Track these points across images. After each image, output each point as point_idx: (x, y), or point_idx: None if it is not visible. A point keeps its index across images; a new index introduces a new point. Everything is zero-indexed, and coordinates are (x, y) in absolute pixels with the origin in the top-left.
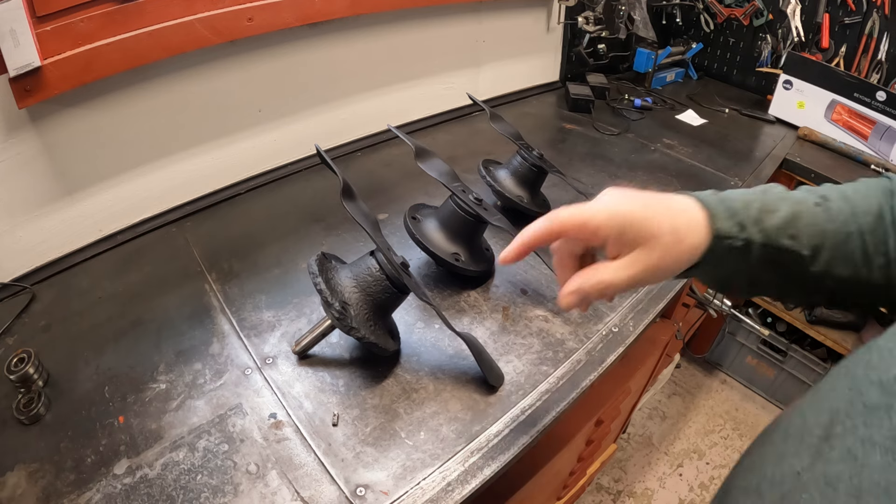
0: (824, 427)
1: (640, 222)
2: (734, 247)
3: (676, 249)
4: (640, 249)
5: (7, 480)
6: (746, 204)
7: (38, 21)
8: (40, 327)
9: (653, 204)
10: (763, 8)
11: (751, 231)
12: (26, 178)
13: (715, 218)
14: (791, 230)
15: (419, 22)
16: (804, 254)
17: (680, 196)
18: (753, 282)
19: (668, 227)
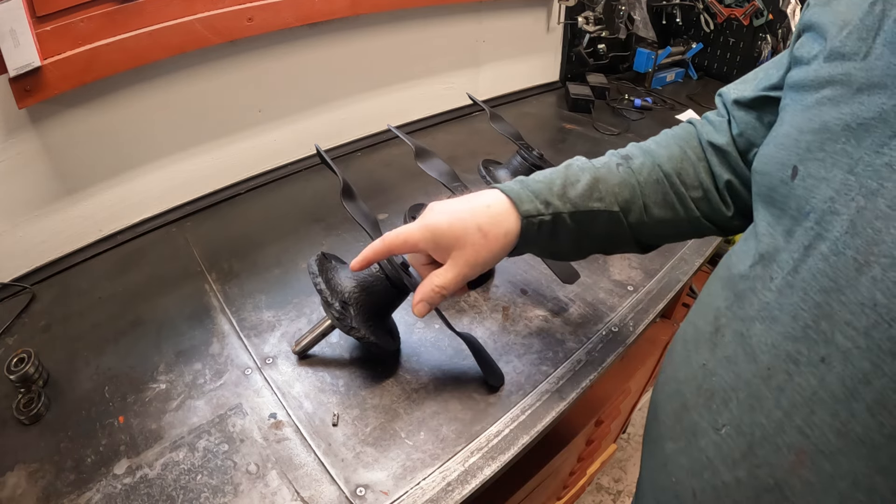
0: (711, 323)
1: (446, 231)
2: (545, 222)
3: (485, 242)
4: (455, 252)
5: (7, 480)
6: (549, 182)
7: (38, 21)
8: (40, 327)
9: (457, 210)
10: (763, 8)
11: (556, 204)
12: (26, 179)
13: (519, 202)
14: (596, 194)
15: (419, 22)
16: (614, 210)
17: (487, 192)
18: (581, 246)
19: (472, 227)
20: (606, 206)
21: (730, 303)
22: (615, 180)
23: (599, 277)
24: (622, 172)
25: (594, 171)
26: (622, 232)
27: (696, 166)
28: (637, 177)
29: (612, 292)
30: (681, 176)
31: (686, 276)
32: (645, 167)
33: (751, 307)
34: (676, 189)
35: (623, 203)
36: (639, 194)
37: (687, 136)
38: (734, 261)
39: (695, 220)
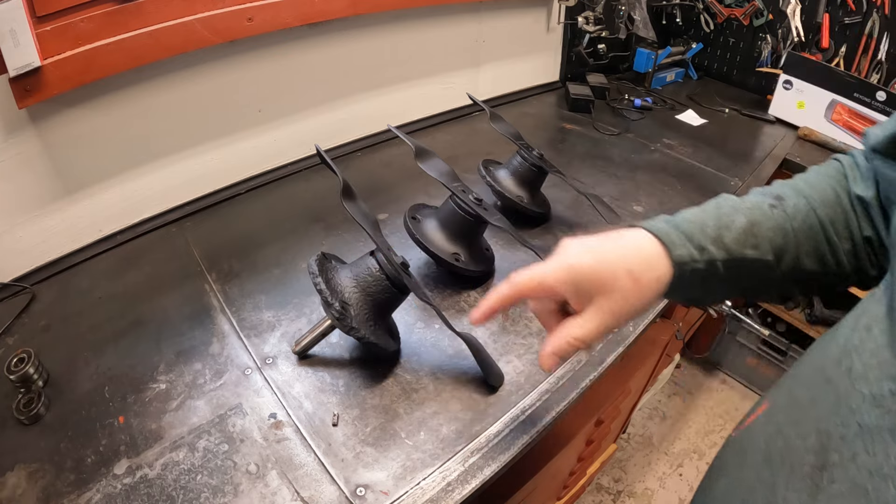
0: (816, 453)
1: (593, 274)
2: (697, 269)
3: (636, 289)
4: (600, 298)
5: (7, 480)
6: (702, 224)
7: (38, 21)
8: (40, 327)
9: (604, 251)
10: (763, 8)
11: (711, 250)
12: (26, 178)
13: (672, 247)
14: (752, 240)
15: (419, 22)
16: (768, 259)
17: (633, 233)
18: (724, 293)
19: (622, 271)
20: (761, 254)
21: (849, 434)
22: (769, 224)
23: None
24: (776, 216)
25: (748, 213)
26: (772, 281)
27: (847, 214)
28: (791, 222)
29: None
30: (834, 225)
31: None
32: (800, 212)
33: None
34: (830, 239)
35: (777, 250)
36: (792, 242)
37: (837, 176)
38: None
39: (843, 275)
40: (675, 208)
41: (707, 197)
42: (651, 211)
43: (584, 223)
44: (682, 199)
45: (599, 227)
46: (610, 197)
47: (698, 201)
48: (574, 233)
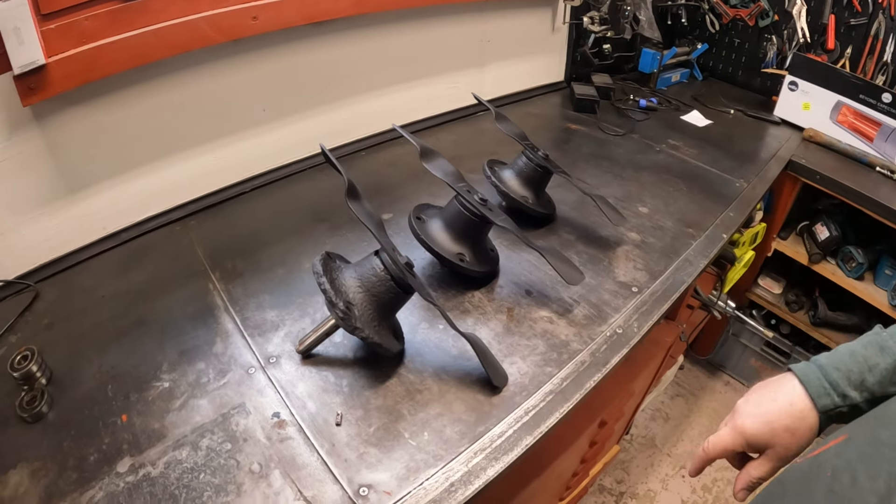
0: (881, 495)
1: (759, 437)
2: (843, 413)
3: (794, 439)
4: (768, 451)
5: (9, 479)
6: (847, 371)
7: (42, 19)
8: (43, 325)
9: (766, 415)
10: (769, 9)
11: (852, 396)
12: (30, 176)
13: (817, 399)
14: (894, 378)
15: (424, 21)
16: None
17: (786, 387)
18: None
19: (780, 430)
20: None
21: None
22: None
23: (604, 279)
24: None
25: (893, 351)
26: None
27: None
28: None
29: (617, 294)
30: None
31: (690, 278)
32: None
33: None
34: None
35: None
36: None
37: None
38: None
39: None
40: (681, 209)
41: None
42: (656, 212)
43: (590, 224)
44: (687, 200)
45: (605, 227)
46: (615, 198)
47: (704, 202)
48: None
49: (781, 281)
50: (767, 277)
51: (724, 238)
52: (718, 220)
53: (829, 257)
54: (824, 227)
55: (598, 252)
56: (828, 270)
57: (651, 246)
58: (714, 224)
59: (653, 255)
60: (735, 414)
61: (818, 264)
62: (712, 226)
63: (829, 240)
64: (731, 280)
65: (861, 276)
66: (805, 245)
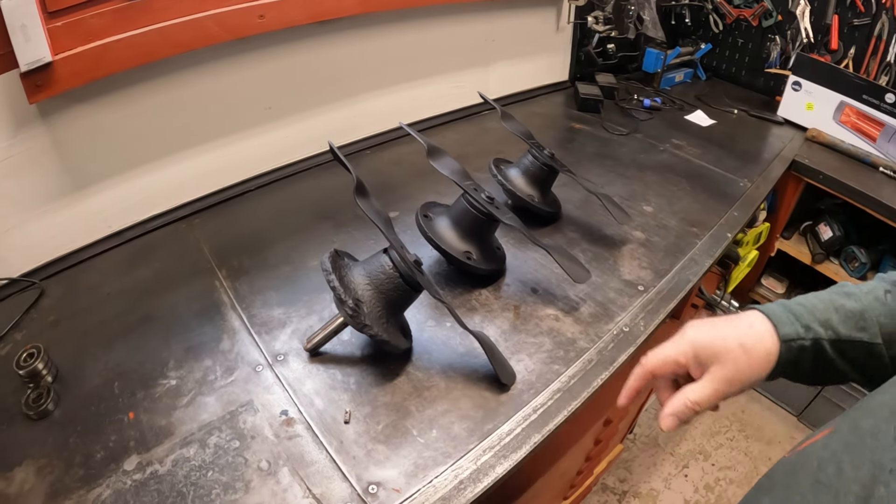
0: (864, 484)
1: (707, 344)
2: (805, 347)
3: (746, 359)
4: (715, 367)
5: (15, 475)
6: (812, 307)
7: (49, 17)
8: (49, 323)
9: (720, 328)
10: (772, 9)
11: (817, 330)
12: (36, 174)
13: (779, 325)
14: (860, 323)
15: (429, 21)
16: (876, 342)
17: (748, 313)
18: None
19: (734, 343)
20: (870, 337)
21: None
22: (882, 310)
23: (610, 277)
24: (890, 301)
25: (860, 297)
26: (881, 366)
27: None
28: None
29: (623, 292)
30: None
31: (696, 277)
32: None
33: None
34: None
35: (886, 336)
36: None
37: None
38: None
39: None
40: (685, 208)
41: (716, 197)
42: (661, 211)
43: (595, 222)
44: (691, 199)
45: (610, 226)
46: (619, 197)
47: (707, 202)
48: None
49: (784, 281)
50: (771, 277)
51: (728, 237)
52: (723, 220)
53: (832, 257)
54: (827, 227)
55: (604, 250)
56: (831, 270)
57: (656, 245)
58: (718, 223)
59: (658, 253)
60: (685, 328)
61: (821, 264)
62: (716, 225)
63: (832, 240)
64: (735, 279)
65: (864, 276)
66: (808, 245)
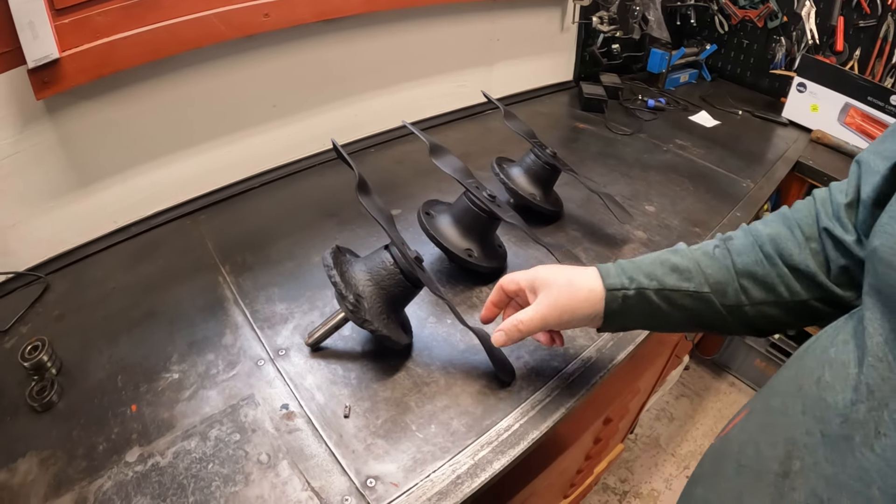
0: (781, 461)
1: (543, 275)
2: (629, 296)
3: (570, 290)
4: (542, 292)
5: (18, 467)
6: (639, 262)
7: (56, 14)
8: (54, 316)
9: (561, 268)
10: (777, 10)
11: (641, 280)
12: (42, 169)
13: (606, 276)
14: (685, 274)
15: (433, 20)
16: (704, 291)
17: (587, 267)
18: (676, 324)
19: (563, 278)
20: (695, 286)
21: (812, 442)
22: (708, 263)
23: None
24: (717, 254)
25: (688, 253)
26: (717, 314)
27: (801, 247)
28: (734, 258)
29: None
30: (783, 256)
31: None
32: (745, 248)
33: (842, 467)
34: (779, 271)
35: (715, 285)
36: (734, 276)
37: (803, 212)
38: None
39: (804, 304)
40: (687, 208)
41: (719, 197)
42: (663, 210)
43: (597, 221)
44: (693, 199)
45: (611, 225)
46: (622, 196)
47: (710, 202)
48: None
49: None
50: None
51: None
52: (725, 220)
53: None
54: None
55: (605, 249)
56: None
57: (657, 244)
58: (721, 224)
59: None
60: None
61: None
62: (719, 225)
63: None
64: None
65: None
66: None
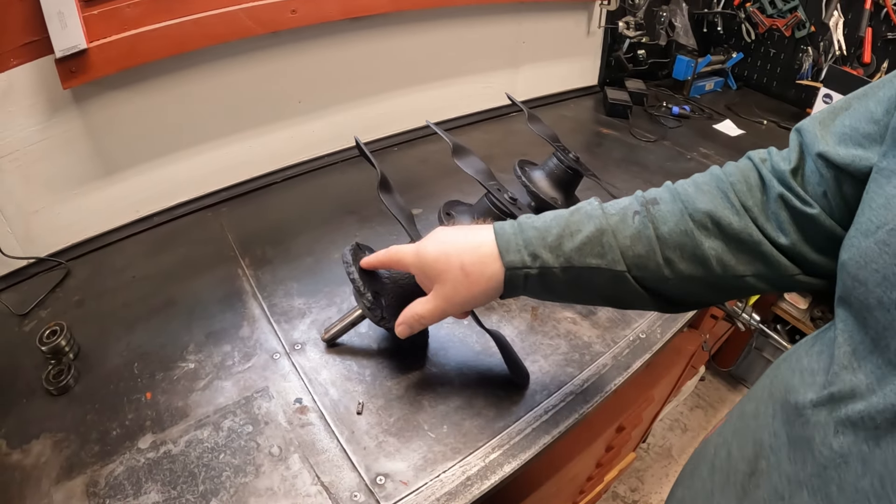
0: (749, 461)
1: (432, 264)
2: (531, 275)
3: (466, 282)
4: (437, 285)
5: (32, 448)
6: (545, 231)
7: (85, 4)
8: (74, 302)
9: (447, 243)
10: (805, 20)
11: (545, 258)
12: (68, 157)
13: (505, 251)
14: (596, 249)
15: (460, 20)
16: (618, 269)
17: (484, 230)
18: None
19: (455, 265)
20: (608, 263)
21: (777, 443)
22: (626, 233)
23: None
24: (637, 223)
25: (602, 220)
26: (631, 290)
27: (741, 217)
28: (658, 228)
29: None
30: (720, 227)
31: None
32: (671, 216)
33: (803, 465)
34: (712, 244)
35: (634, 259)
36: (656, 249)
37: (739, 177)
38: (796, 381)
39: (738, 279)
40: None
41: None
42: None
43: None
44: None
45: None
46: None
47: None
48: None
49: (807, 296)
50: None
51: None
52: None
53: None
54: None
55: None
56: None
57: None
58: None
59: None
60: (430, 234)
61: None
62: None
63: None
64: None
65: None
66: None
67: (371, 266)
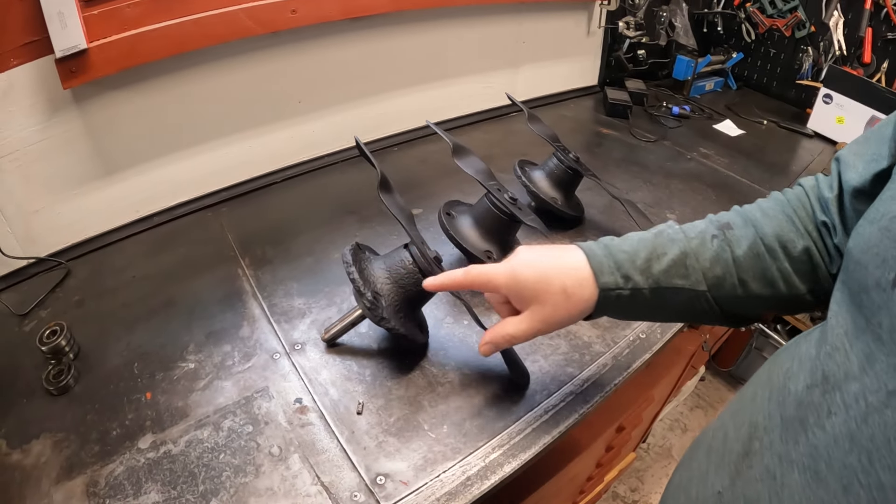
0: (743, 442)
1: (533, 284)
2: (623, 295)
3: (566, 304)
4: (534, 306)
5: (32, 448)
6: (634, 254)
7: (85, 4)
8: (74, 302)
9: (545, 265)
10: (805, 20)
11: (637, 280)
12: (68, 157)
13: (599, 274)
14: (681, 270)
15: (460, 20)
16: (701, 290)
17: (574, 252)
18: (660, 317)
19: (557, 286)
20: (691, 284)
21: (771, 424)
22: (707, 255)
23: None
24: (716, 246)
25: (685, 243)
26: (708, 309)
27: (805, 240)
28: (734, 251)
29: None
30: (787, 250)
31: None
32: (745, 239)
33: (794, 445)
34: (780, 266)
35: (713, 280)
36: (733, 271)
37: (796, 203)
38: (795, 366)
39: (798, 297)
40: None
41: None
42: (684, 219)
43: (618, 228)
44: (716, 209)
45: None
46: (644, 203)
47: None
48: None
49: None
50: None
51: None
52: None
53: None
54: None
55: None
56: None
57: None
58: None
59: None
60: (514, 254)
61: None
62: None
63: None
64: None
65: None
66: None
67: (452, 288)
